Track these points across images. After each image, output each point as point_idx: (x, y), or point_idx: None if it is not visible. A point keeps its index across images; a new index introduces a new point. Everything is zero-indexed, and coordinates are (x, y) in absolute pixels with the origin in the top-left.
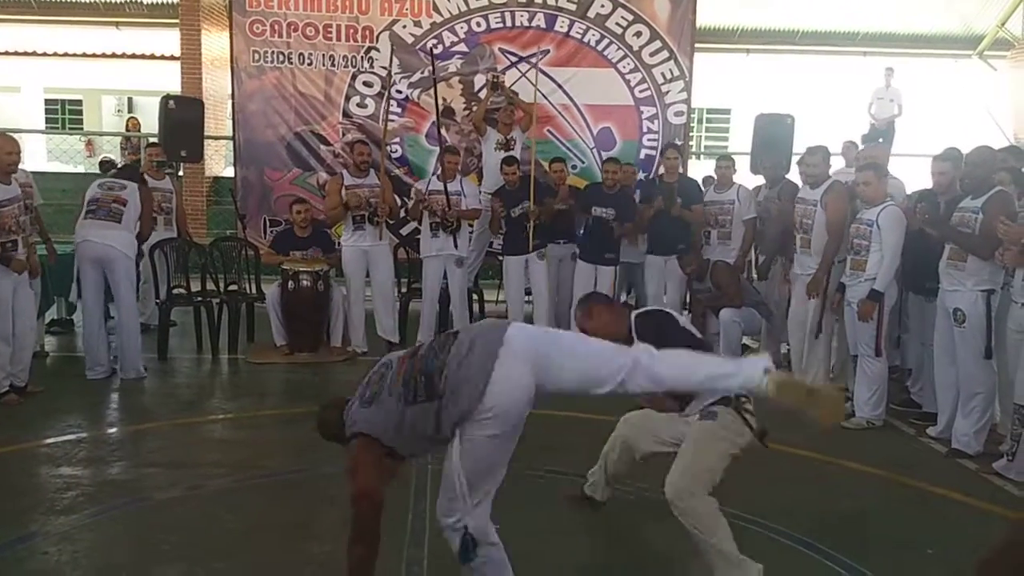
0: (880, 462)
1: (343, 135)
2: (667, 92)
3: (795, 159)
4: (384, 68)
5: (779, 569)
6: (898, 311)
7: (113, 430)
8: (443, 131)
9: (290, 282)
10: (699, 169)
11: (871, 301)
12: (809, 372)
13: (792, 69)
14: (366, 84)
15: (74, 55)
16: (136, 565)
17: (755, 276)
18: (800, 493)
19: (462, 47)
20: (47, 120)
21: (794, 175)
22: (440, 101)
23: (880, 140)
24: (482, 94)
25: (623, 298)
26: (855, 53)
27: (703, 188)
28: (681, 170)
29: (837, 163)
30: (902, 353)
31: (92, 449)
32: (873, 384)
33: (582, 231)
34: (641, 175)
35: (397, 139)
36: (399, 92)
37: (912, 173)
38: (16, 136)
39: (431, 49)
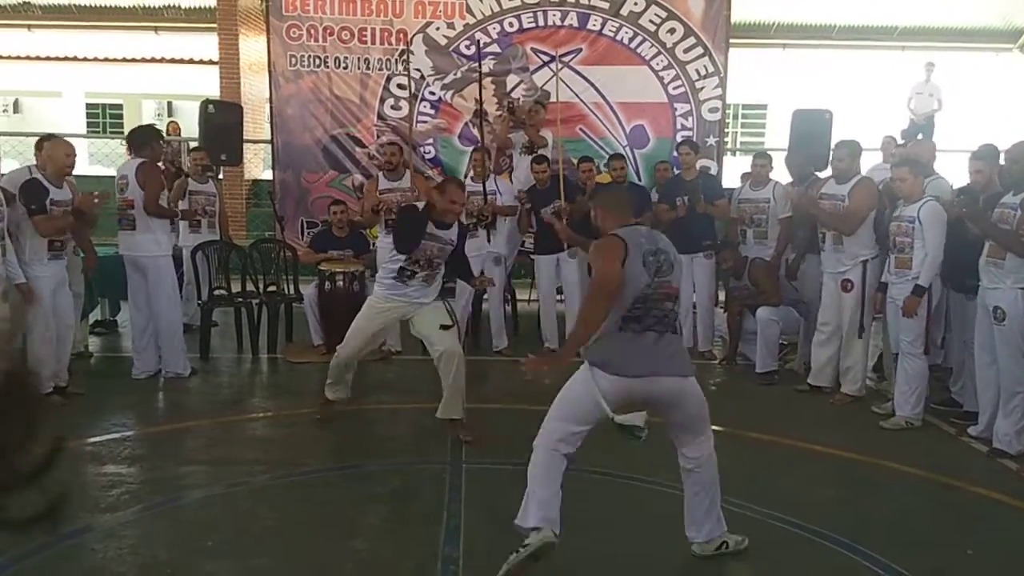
0: (920, 462)
1: (377, 137)
2: (701, 88)
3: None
4: (418, 70)
5: (818, 571)
6: (943, 309)
7: (156, 429)
8: (476, 131)
9: (326, 283)
10: (735, 166)
11: (915, 297)
12: (847, 373)
13: (829, 64)
14: (400, 86)
15: (114, 60)
16: (180, 561)
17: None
18: (839, 494)
19: (495, 47)
20: (88, 124)
21: (827, 172)
22: (473, 101)
23: (919, 136)
24: (514, 95)
25: None
26: (893, 48)
27: (740, 184)
28: (708, 164)
29: (876, 159)
30: (944, 352)
31: (136, 447)
32: (913, 383)
33: None
34: (675, 171)
35: (430, 140)
36: (432, 94)
37: (952, 169)
38: None
39: (479, 46)
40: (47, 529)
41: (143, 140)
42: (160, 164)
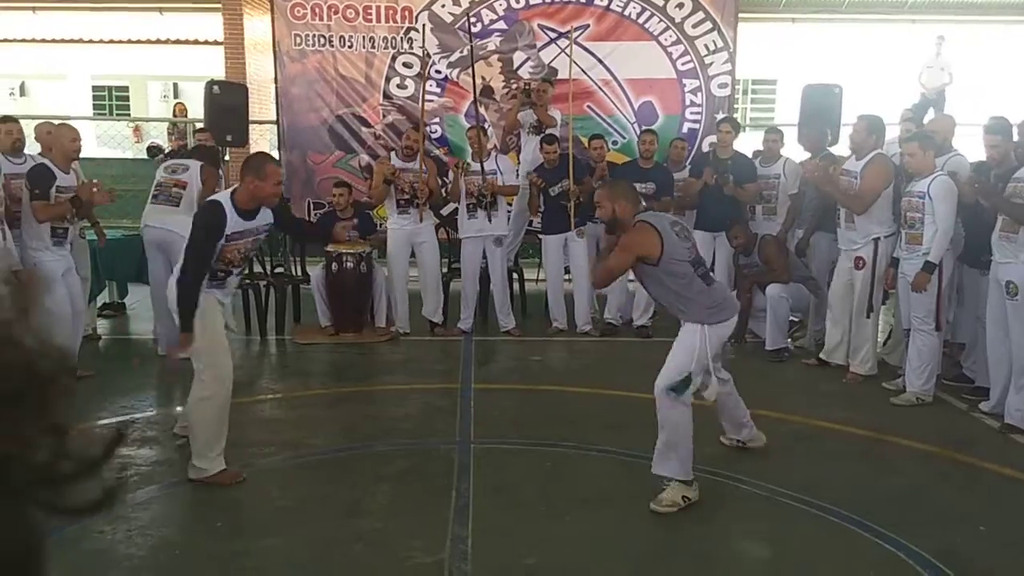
0: (931, 438)
1: (384, 117)
2: (711, 64)
3: (844, 130)
4: (424, 49)
5: (829, 548)
6: (953, 284)
7: (166, 410)
8: (482, 109)
9: (334, 264)
10: (745, 141)
11: (925, 272)
12: (857, 349)
13: (839, 38)
14: (406, 65)
15: (119, 42)
16: (189, 542)
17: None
18: (849, 470)
19: (501, 24)
20: (95, 107)
21: (841, 148)
22: (479, 80)
23: (931, 110)
24: (521, 72)
25: None
26: (903, 21)
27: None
28: (714, 140)
29: (893, 134)
30: (953, 327)
31: (145, 429)
32: (925, 359)
33: None
34: (709, 147)
35: (437, 119)
36: (438, 72)
37: (963, 143)
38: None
39: (469, 22)
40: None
41: (212, 157)
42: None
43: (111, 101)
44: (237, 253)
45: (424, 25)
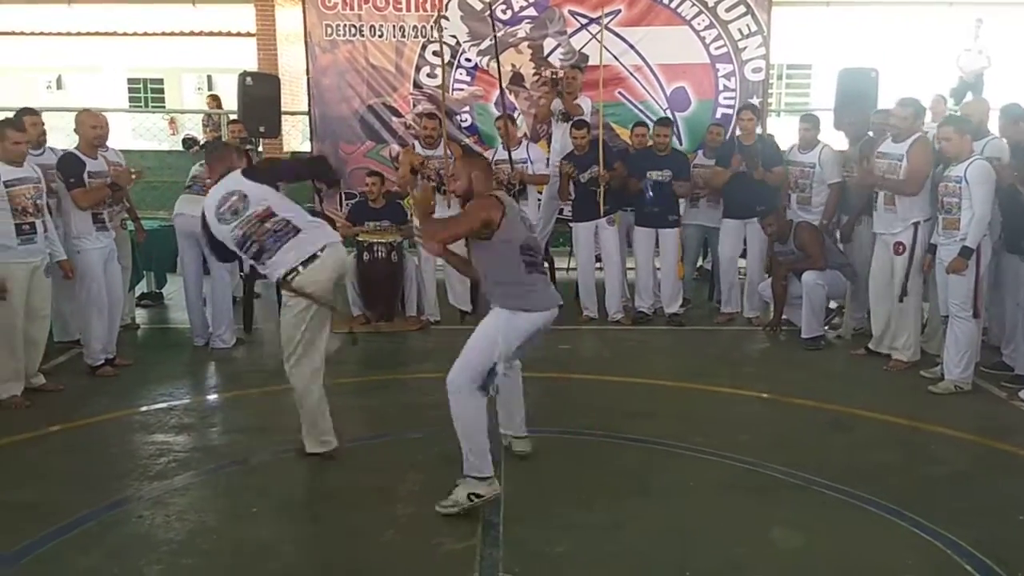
0: (969, 426)
1: (414, 106)
2: (744, 48)
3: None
4: (453, 37)
5: (865, 537)
6: (991, 271)
7: (203, 398)
8: (512, 97)
9: (365, 253)
10: (779, 127)
11: (961, 258)
12: (899, 336)
13: (875, 21)
14: (435, 54)
15: (153, 34)
16: (227, 527)
17: (839, 239)
18: (886, 459)
19: (531, 11)
20: (130, 99)
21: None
22: (509, 67)
23: (968, 93)
24: (551, 58)
25: (699, 262)
26: (941, 3)
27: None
28: (760, 130)
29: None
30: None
31: (183, 417)
32: (963, 346)
33: (647, 196)
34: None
35: (466, 108)
36: (468, 60)
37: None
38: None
39: (493, 14)
40: None
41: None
42: None
43: (146, 94)
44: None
45: (440, 14)
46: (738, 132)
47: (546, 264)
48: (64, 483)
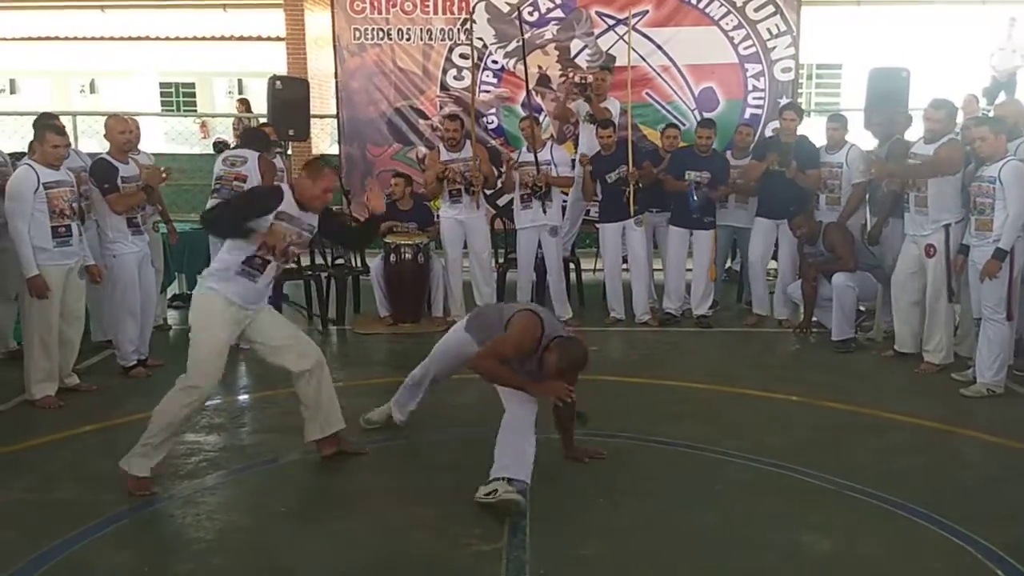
0: (1002, 430)
1: (441, 108)
2: (773, 48)
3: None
4: (480, 40)
5: (896, 541)
6: None
7: (233, 398)
8: (539, 99)
9: (392, 255)
10: (809, 127)
11: (995, 260)
12: (930, 338)
13: (906, 20)
14: (463, 56)
15: (184, 39)
16: (256, 526)
17: (865, 240)
18: (917, 463)
19: (558, 13)
20: (162, 103)
21: (910, 133)
22: (536, 69)
23: (1002, 93)
24: (578, 60)
25: (728, 263)
26: (973, 2)
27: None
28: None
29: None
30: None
31: (214, 417)
32: (996, 349)
33: (692, 199)
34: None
35: (493, 110)
36: (495, 62)
37: None
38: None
39: (520, 16)
40: None
41: (262, 141)
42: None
43: (178, 97)
44: (281, 240)
45: (468, 17)
46: (772, 129)
47: (571, 265)
48: (97, 482)
